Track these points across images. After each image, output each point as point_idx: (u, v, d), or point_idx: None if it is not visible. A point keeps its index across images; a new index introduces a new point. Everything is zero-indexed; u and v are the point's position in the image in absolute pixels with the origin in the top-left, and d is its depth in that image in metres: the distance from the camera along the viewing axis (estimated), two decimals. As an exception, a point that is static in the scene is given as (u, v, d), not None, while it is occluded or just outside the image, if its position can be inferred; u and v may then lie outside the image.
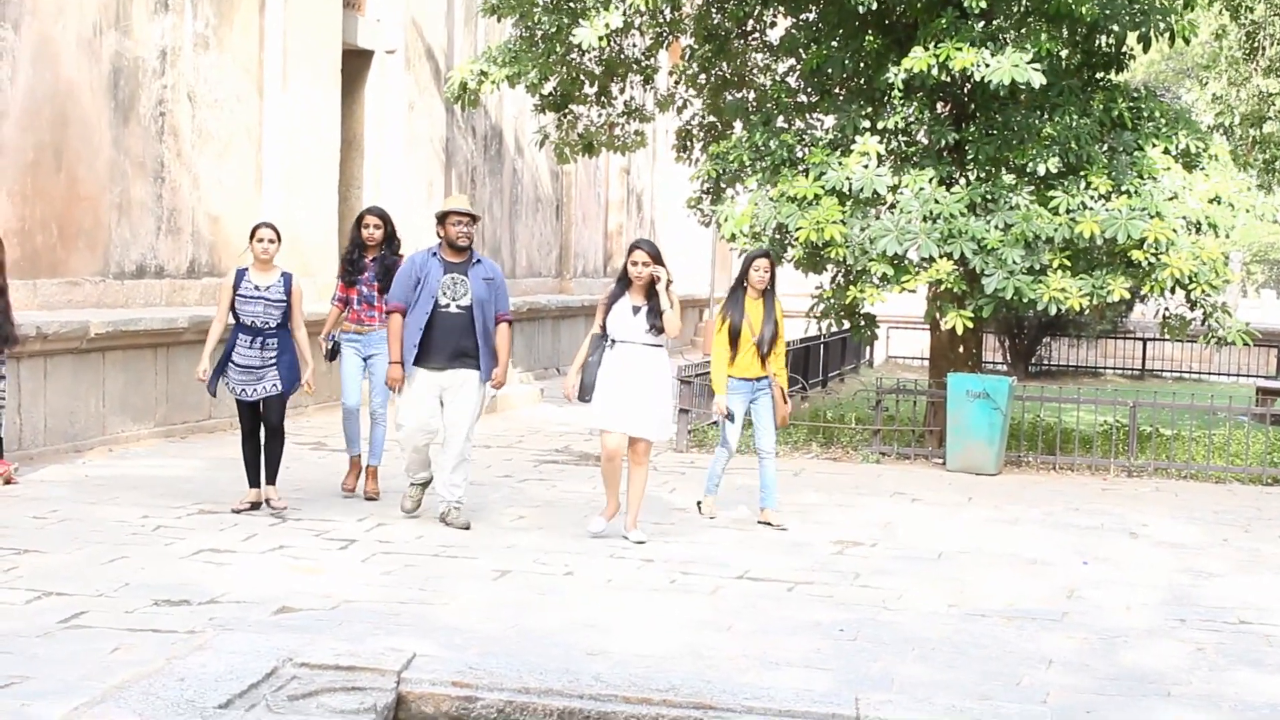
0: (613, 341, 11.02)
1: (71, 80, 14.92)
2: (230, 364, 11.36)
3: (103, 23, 15.32)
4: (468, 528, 11.17)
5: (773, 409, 12.06)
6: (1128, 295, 15.65)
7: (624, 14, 16.82)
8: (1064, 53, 16.28)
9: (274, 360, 11.38)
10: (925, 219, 15.39)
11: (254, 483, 11.55)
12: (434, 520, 11.48)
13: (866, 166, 15.77)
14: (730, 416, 11.90)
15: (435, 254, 11.29)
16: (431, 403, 11.25)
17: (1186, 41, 17.22)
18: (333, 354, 12.58)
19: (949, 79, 15.68)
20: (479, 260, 11.39)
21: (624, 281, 11.13)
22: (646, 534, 11.13)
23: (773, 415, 12.06)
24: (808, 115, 18.12)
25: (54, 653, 7.35)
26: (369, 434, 12.58)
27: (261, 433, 11.54)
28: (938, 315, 16.46)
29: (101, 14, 15.29)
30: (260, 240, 11.49)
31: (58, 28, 14.70)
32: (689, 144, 20.39)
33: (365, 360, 12.49)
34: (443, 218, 11.29)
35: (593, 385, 11.02)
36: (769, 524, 11.94)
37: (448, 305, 11.13)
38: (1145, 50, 17.30)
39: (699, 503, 12.50)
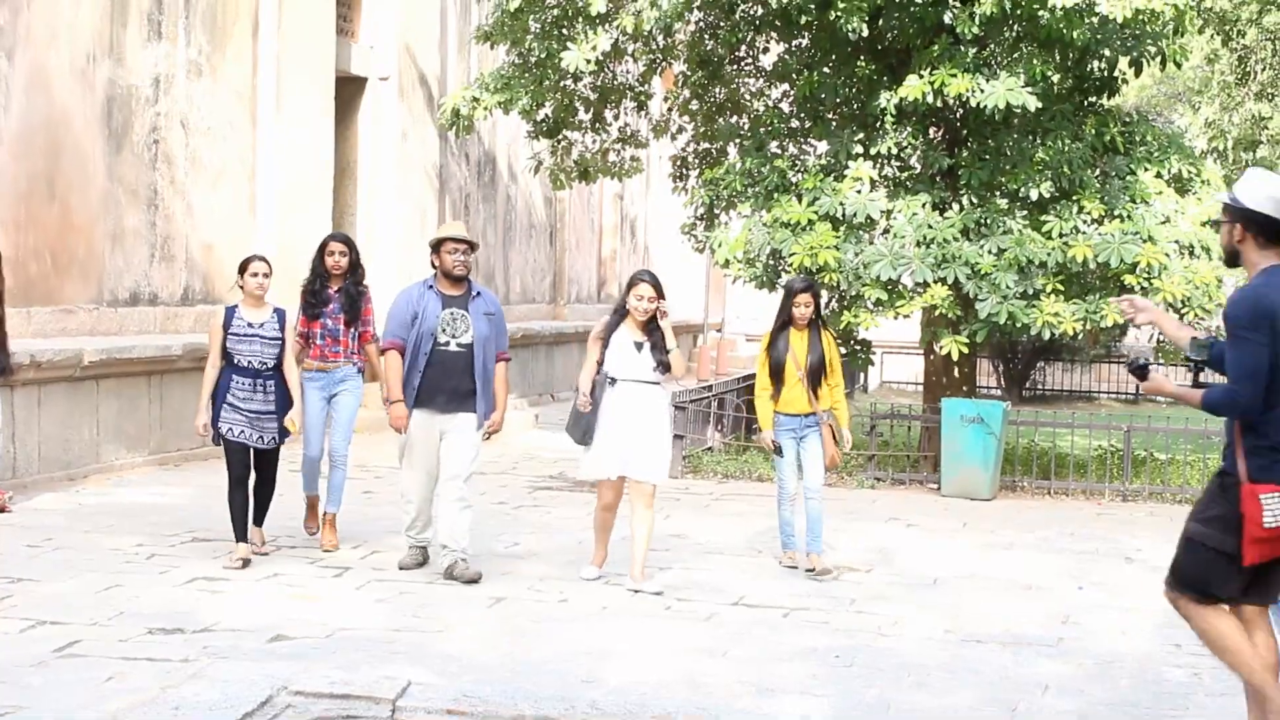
0: (612, 380, 10.29)
1: (65, 108, 14.93)
2: (227, 406, 10.63)
3: (96, 51, 15.34)
4: (477, 580, 10.22)
5: (822, 447, 11.14)
6: (1121, 320, 15.65)
7: (613, 38, 16.86)
8: (1056, 78, 16.32)
9: (274, 404, 10.71)
10: (919, 244, 15.41)
11: (243, 536, 10.70)
12: (429, 547, 11.44)
13: (860, 191, 15.80)
14: (779, 450, 11.11)
15: (431, 286, 10.51)
16: (435, 447, 10.46)
17: (1178, 66, 17.28)
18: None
19: (942, 104, 15.71)
20: (479, 293, 10.64)
21: (620, 313, 10.43)
22: (659, 583, 10.39)
23: (822, 454, 11.13)
24: (801, 141, 18.16)
25: (49, 682, 7.33)
26: (328, 477, 11.58)
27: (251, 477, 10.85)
28: (932, 340, 16.47)
29: (95, 42, 15.31)
30: (254, 275, 10.81)
31: (51, 56, 14.72)
32: (684, 171, 20.40)
33: (329, 400, 11.50)
34: (437, 245, 10.54)
35: (593, 428, 10.29)
36: (813, 570, 10.93)
37: (447, 343, 10.34)
38: (1137, 75, 17.35)
39: (780, 560, 11.47)
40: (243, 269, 10.93)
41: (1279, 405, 6.11)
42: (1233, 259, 6.45)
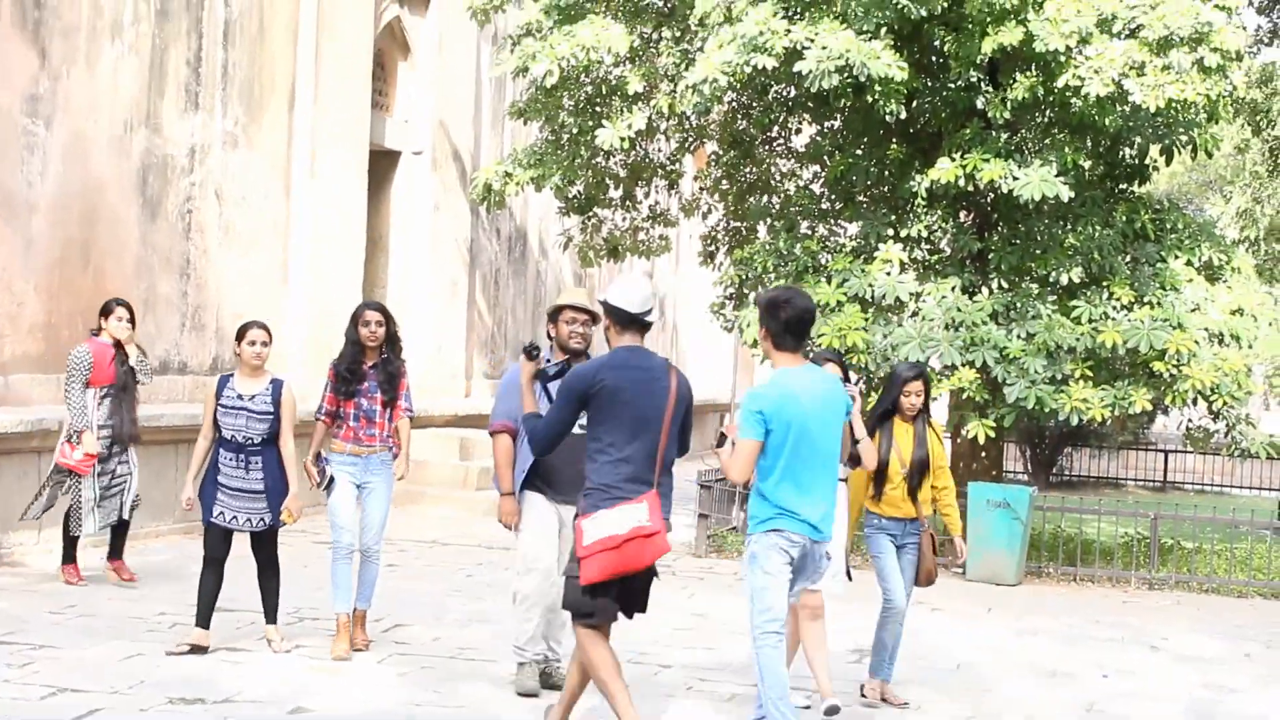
0: None
1: (101, 176, 15.05)
2: (212, 484, 9.99)
3: (134, 120, 15.48)
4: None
5: (919, 559, 9.85)
6: (1149, 406, 15.63)
7: (648, 117, 16.95)
8: (1087, 164, 16.35)
9: (262, 483, 9.96)
10: (948, 327, 15.41)
11: (203, 621, 9.95)
12: (453, 621, 11.42)
13: (889, 273, 15.82)
14: (848, 573, 9.67)
15: (549, 359, 9.29)
16: (554, 543, 9.24)
17: (1209, 155, 17.29)
18: (329, 482, 10.22)
19: (973, 188, 15.75)
20: None
21: None
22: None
23: (915, 568, 9.83)
24: (831, 222, 18.20)
25: (67, 750, 7.32)
26: (359, 573, 10.42)
27: (243, 560, 10.24)
28: (959, 423, 16.43)
29: (133, 111, 15.46)
30: (252, 343, 10.08)
31: (89, 124, 14.85)
32: (714, 249, 20.44)
33: (359, 488, 10.29)
34: (555, 314, 9.42)
35: None
36: (884, 700, 9.65)
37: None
38: (1168, 163, 17.39)
39: (862, 685, 9.89)
40: (240, 336, 10.22)
41: (601, 455, 7.70)
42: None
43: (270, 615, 10.25)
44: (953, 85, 16.04)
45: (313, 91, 18.56)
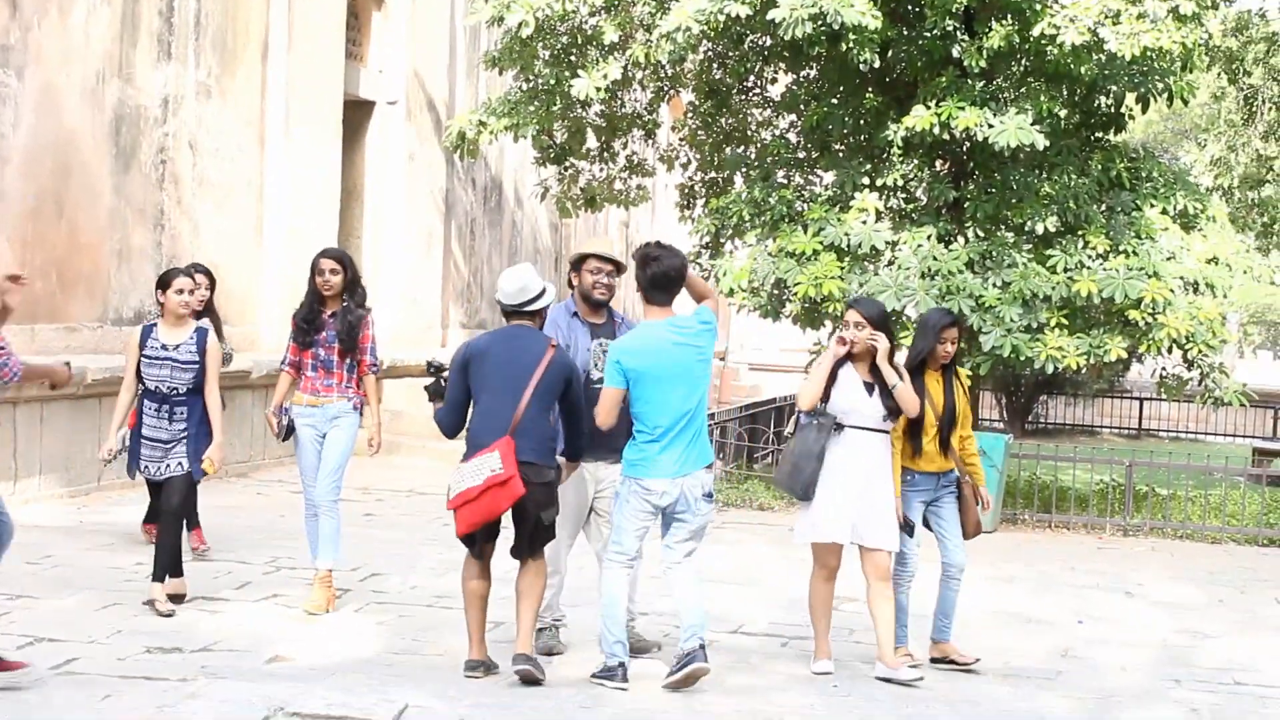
0: (839, 425, 8.78)
1: (74, 128, 14.96)
2: (138, 438, 9.69)
3: (106, 71, 15.37)
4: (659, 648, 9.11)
5: (959, 512, 9.41)
6: (1125, 355, 15.67)
7: (623, 66, 16.90)
8: (1063, 113, 16.35)
9: (184, 433, 9.56)
10: (923, 275, 15.42)
11: (175, 571, 9.74)
12: (429, 570, 11.43)
13: (865, 222, 15.82)
14: (909, 528, 9.10)
15: (575, 313, 8.96)
16: (584, 505, 9.03)
17: (1185, 103, 17.31)
18: (288, 433, 10.05)
19: (949, 137, 15.74)
20: (621, 321, 9.14)
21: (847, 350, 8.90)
22: (916, 671, 8.85)
23: (959, 521, 9.41)
24: (807, 171, 18.18)
25: (45, 700, 7.32)
26: (319, 532, 10.11)
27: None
28: (935, 372, 16.44)
29: (105, 62, 15.35)
30: (180, 292, 9.68)
31: (61, 75, 14.75)
32: (691, 200, 20.41)
33: (322, 439, 10.09)
34: (578, 263, 9.00)
35: (815, 481, 8.76)
36: (950, 661, 9.28)
37: (600, 380, 8.65)
38: (1144, 111, 17.39)
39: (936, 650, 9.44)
40: (165, 284, 9.80)
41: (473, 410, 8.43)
42: None
43: (159, 571, 9.55)
44: (928, 34, 16.00)
45: (286, 41, 18.47)
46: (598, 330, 8.87)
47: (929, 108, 15.58)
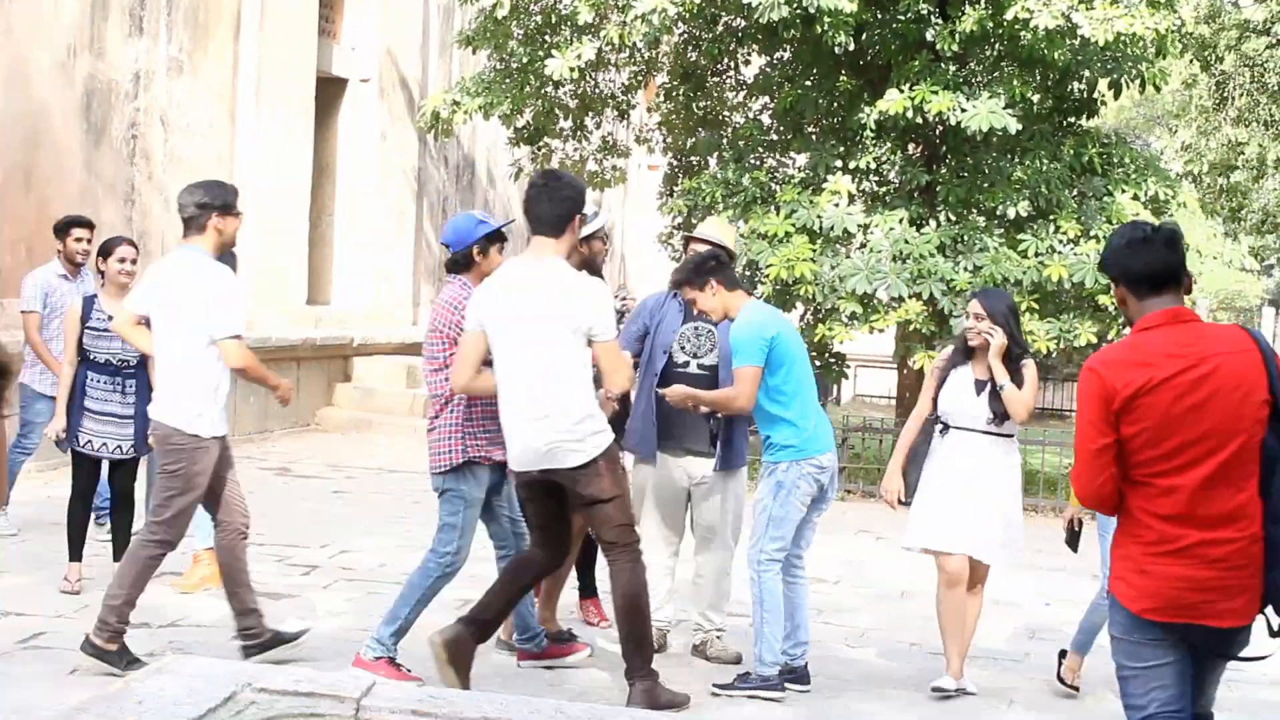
0: (945, 426, 8.42)
1: (44, 102, 14.89)
2: (83, 411, 9.32)
3: (77, 45, 15.30)
4: (738, 660, 8.59)
5: None
6: (1095, 339, 15.70)
7: (598, 47, 16.88)
8: (1036, 98, 16.38)
9: (134, 408, 9.29)
10: (895, 259, 15.44)
11: (77, 555, 9.53)
12: (399, 547, 11.42)
13: (838, 205, 15.82)
14: (1073, 537, 8.44)
15: (676, 295, 8.61)
16: (680, 501, 8.80)
17: (1157, 89, 17.34)
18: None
19: (922, 121, 15.75)
20: None
21: (963, 345, 8.55)
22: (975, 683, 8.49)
23: None
24: (780, 153, 18.19)
25: (11, 674, 7.31)
26: None
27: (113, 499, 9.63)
28: (906, 355, 16.50)
29: (76, 37, 15.28)
30: (121, 260, 9.47)
31: (32, 49, 14.68)
32: (672, 188, 20.37)
33: None
34: (684, 244, 8.92)
35: (915, 484, 8.48)
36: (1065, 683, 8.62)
37: (686, 364, 8.54)
38: (1116, 97, 17.42)
39: (1063, 667, 8.72)
40: (106, 253, 9.57)
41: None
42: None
43: (119, 554, 9.23)
44: (902, 17, 16.01)
45: (259, 17, 18.40)
46: (701, 313, 8.33)
47: (902, 91, 15.58)
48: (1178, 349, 5.01)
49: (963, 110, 15.20)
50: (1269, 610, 4.98)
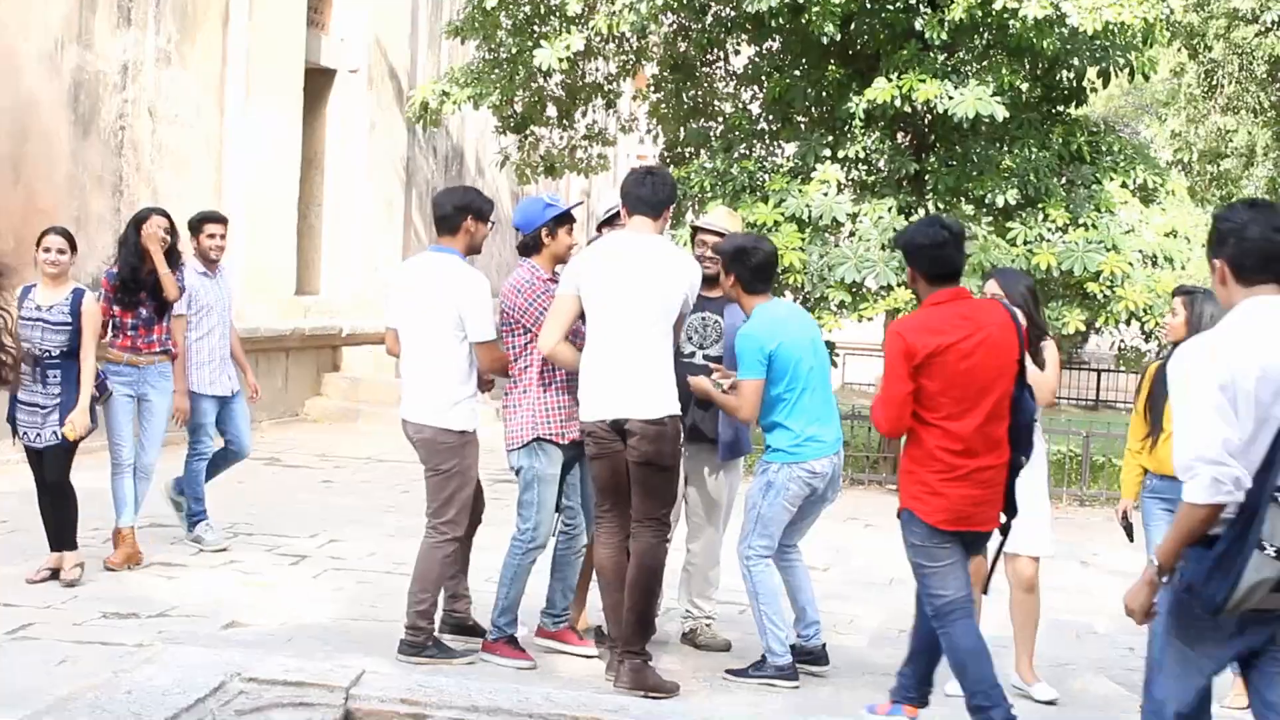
0: None
1: (32, 93, 14.87)
2: (15, 402, 9.30)
3: (65, 37, 15.28)
4: (728, 648, 8.70)
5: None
6: (1083, 327, 15.74)
7: (586, 37, 16.86)
8: (1024, 86, 16.39)
9: (57, 398, 9.22)
10: (884, 247, 15.44)
11: (57, 546, 9.52)
12: (388, 537, 11.43)
13: (826, 194, 15.82)
14: (1128, 527, 8.71)
15: None
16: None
17: (1146, 78, 17.35)
18: (102, 389, 9.75)
19: (910, 110, 15.75)
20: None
21: None
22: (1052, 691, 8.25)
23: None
24: (769, 143, 18.18)
25: (1, 664, 7.30)
26: (136, 491, 10.24)
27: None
28: (894, 343, 16.48)
29: (64, 28, 15.26)
30: (47, 250, 9.33)
31: (20, 40, 14.65)
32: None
33: (140, 400, 10.12)
34: (692, 235, 9.08)
35: None
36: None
37: (692, 354, 8.53)
38: (1105, 85, 17.43)
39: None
40: (37, 242, 9.48)
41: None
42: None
43: (58, 541, 9.40)
44: (890, 6, 15.99)
45: (247, 8, 18.37)
46: (704, 303, 8.44)
47: (890, 80, 15.58)
48: (960, 320, 6.69)
49: (950, 98, 15.21)
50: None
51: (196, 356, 10.71)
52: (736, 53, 19.83)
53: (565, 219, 8.15)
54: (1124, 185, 16.50)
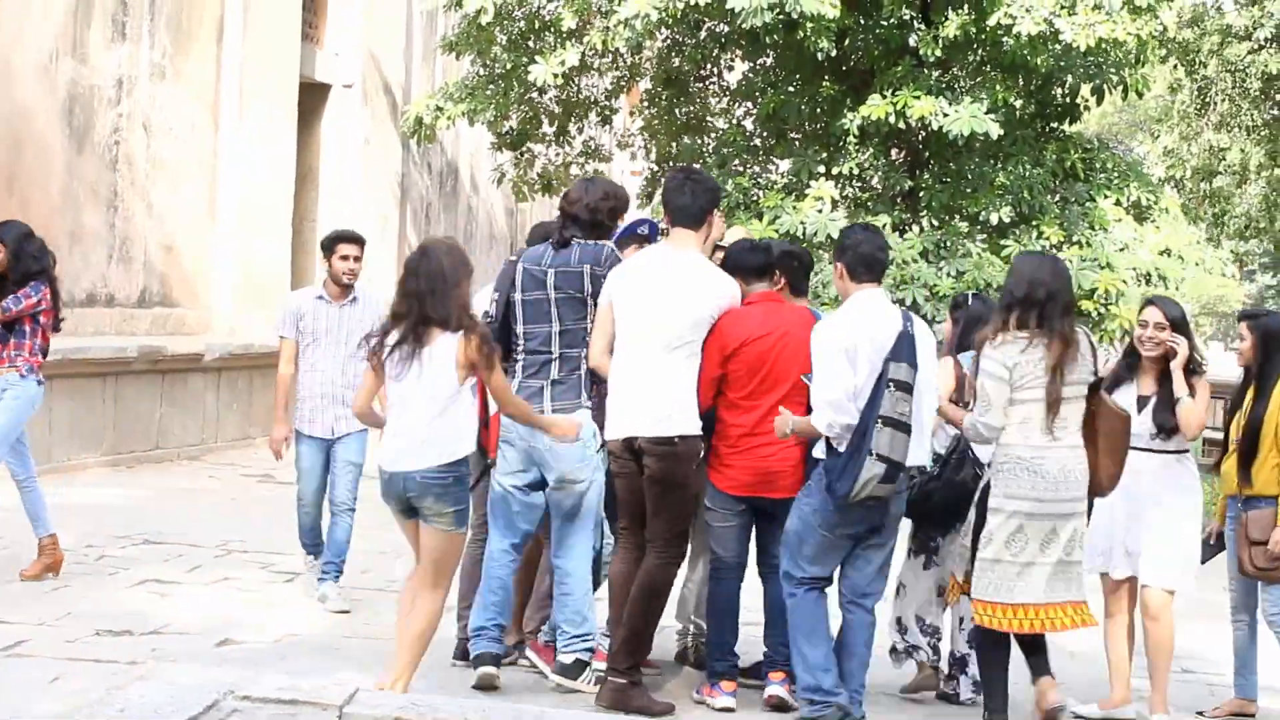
0: None
1: (27, 105, 14.86)
2: None
3: (60, 50, 15.27)
4: None
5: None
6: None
7: (581, 53, 16.88)
8: (1018, 103, 16.42)
9: None
10: (878, 264, 15.43)
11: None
12: (380, 554, 11.40)
13: (821, 211, 15.82)
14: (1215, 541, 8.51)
15: None
16: None
17: (1139, 95, 17.40)
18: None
19: (905, 126, 15.77)
20: None
21: (1133, 357, 8.10)
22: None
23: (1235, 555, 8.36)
24: (763, 159, 18.20)
25: (-7, 681, 7.28)
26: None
27: None
28: (889, 360, 16.49)
29: (59, 41, 15.25)
30: None
31: (15, 53, 14.65)
32: (652, 191, 20.37)
33: None
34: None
35: None
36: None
37: None
38: (1099, 103, 17.47)
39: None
40: None
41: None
42: None
43: None
44: (885, 23, 16.03)
45: (242, 22, 18.37)
46: None
47: (885, 97, 15.60)
48: (766, 319, 7.50)
49: (945, 115, 15.22)
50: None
51: (299, 391, 9.78)
52: (730, 68, 19.85)
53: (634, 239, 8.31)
54: (1118, 203, 16.53)
